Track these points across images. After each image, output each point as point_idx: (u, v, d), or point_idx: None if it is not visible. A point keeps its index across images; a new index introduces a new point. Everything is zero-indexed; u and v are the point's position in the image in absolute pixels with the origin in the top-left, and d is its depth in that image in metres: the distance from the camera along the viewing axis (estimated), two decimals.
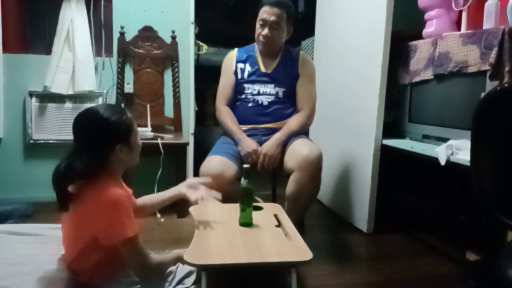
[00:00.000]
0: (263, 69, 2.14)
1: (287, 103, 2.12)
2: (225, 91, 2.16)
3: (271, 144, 1.99)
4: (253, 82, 2.13)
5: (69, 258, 1.34)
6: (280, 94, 2.11)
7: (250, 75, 2.14)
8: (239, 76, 2.16)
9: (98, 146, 1.30)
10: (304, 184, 1.89)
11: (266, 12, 2.04)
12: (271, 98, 2.10)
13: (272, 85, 2.11)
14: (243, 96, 2.14)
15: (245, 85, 2.14)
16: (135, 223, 1.29)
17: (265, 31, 2.05)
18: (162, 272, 1.38)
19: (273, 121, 2.10)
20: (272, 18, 2.04)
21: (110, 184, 1.29)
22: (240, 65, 2.17)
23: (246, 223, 1.49)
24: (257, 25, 2.10)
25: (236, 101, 2.17)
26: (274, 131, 2.06)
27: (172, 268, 1.41)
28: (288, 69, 2.14)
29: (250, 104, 2.11)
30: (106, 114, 1.33)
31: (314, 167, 1.89)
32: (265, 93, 2.11)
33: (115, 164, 1.35)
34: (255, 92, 2.12)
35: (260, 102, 2.10)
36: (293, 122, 2.07)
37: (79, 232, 1.30)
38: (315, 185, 1.94)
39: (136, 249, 1.31)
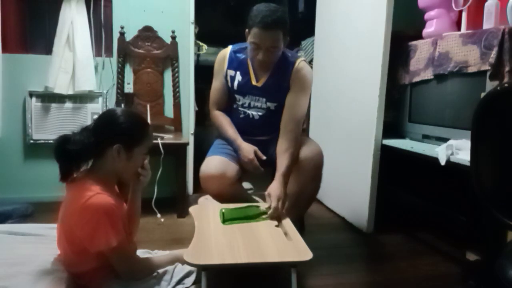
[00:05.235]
0: (254, 81, 1.97)
1: (280, 116, 1.96)
2: (217, 96, 2.05)
3: (278, 187, 1.74)
4: (243, 94, 2.00)
5: (65, 259, 1.34)
6: (272, 108, 1.98)
7: (240, 86, 1.99)
8: (229, 84, 2.01)
9: (100, 135, 1.32)
10: (305, 183, 1.88)
11: (259, 36, 1.78)
12: (262, 112, 1.98)
13: (264, 99, 1.97)
14: (234, 106, 2.04)
15: (236, 96, 2.01)
16: (120, 231, 1.29)
17: (260, 56, 1.83)
18: (153, 272, 1.38)
19: (265, 134, 2.02)
20: (268, 43, 1.79)
21: (99, 188, 1.28)
22: (231, 72, 1.99)
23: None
24: (249, 45, 1.86)
25: (230, 105, 2.07)
26: (267, 142, 1.99)
27: (168, 267, 1.41)
28: (280, 81, 1.94)
29: (241, 116, 2.02)
30: (128, 114, 1.37)
31: (315, 165, 1.88)
32: (256, 106, 1.99)
33: (108, 164, 1.34)
34: (246, 105, 2.00)
35: (251, 116, 1.99)
36: (283, 163, 1.81)
37: (69, 234, 1.30)
38: (316, 184, 1.93)
39: (122, 257, 1.32)
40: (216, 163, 1.87)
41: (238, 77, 1.98)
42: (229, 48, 2.04)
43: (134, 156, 1.36)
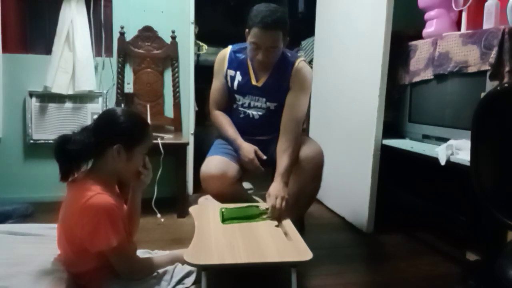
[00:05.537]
0: (253, 81, 1.96)
1: (280, 116, 1.96)
2: (217, 96, 2.05)
3: (276, 187, 1.74)
4: (243, 94, 2.00)
5: (65, 259, 1.34)
6: (272, 107, 1.98)
7: (240, 86, 1.99)
8: (229, 84, 2.01)
9: (100, 135, 1.32)
10: (306, 182, 1.88)
11: (258, 36, 1.78)
12: (262, 112, 1.98)
13: (264, 99, 1.97)
14: (234, 106, 2.04)
15: (236, 96, 2.01)
16: (121, 231, 1.29)
17: (260, 56, 1.83)
18: (153, 272, 1.39)
19: (265, 134, 2.02)
20: (268, 43, 1.80)
21: (100, 189, 1.28)
22: (231, 72, 1.99)
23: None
24: (249, 45, 1.86)
25: (230, 105, 2.07)
26: (267, 142, 1.99)
27: (168, 267, 1.41)
28: (280, 81, 1.94)
29: (241, 115, 2.02)
30: (128, 113, 1.37)
31: (315, 165, 1.88)
32: (256, 106, 1.99)
33: (108, 164, 1.34)
34: (246, 105, 2.00)
35: (251, 116, 2.00)
36: (283, 163, 1.81)
37: (70, 234, 1.30)
38: (316, 184, 1.93)
39: (122, 257, 1.32)
40: (216, 163, 1.87)
41: (238, 77, 1.98)
42: (229, 48, 2.04)
43: (134, 156, 1.36)
